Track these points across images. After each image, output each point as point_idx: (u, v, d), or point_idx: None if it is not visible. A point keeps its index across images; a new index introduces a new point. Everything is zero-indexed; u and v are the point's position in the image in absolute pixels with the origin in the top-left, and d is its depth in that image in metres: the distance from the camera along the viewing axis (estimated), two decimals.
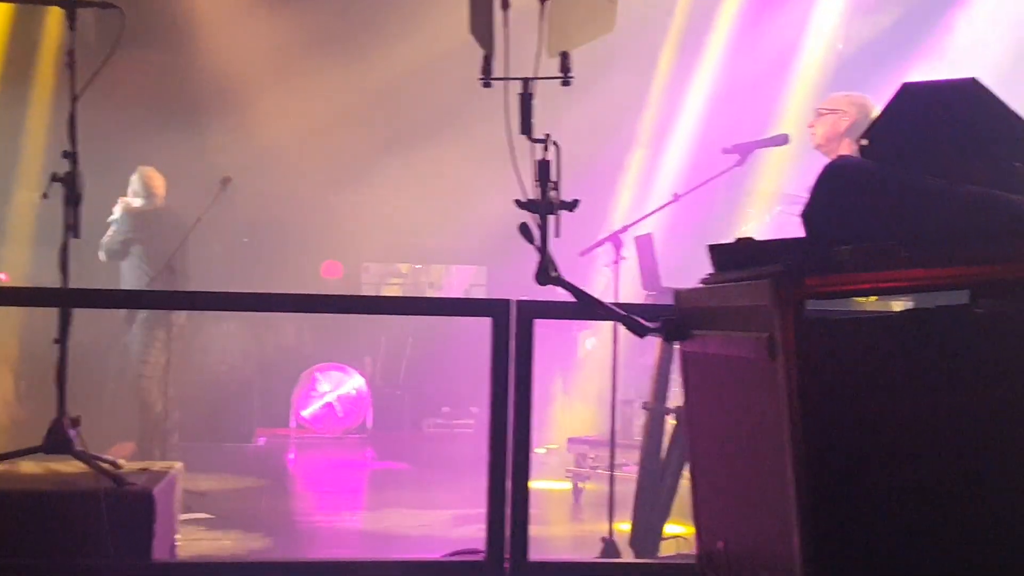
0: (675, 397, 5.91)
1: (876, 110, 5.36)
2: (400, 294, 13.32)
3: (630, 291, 5.94)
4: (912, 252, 2.38)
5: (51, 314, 8.59)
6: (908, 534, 2.32)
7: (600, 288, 6.27)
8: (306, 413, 11.02)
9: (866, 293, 2.47)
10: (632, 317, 3.08)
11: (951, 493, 2.33)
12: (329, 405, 11.07)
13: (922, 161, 2.68)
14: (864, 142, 2.80)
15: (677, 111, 10.30)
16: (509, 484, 3.61)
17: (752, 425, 2.54)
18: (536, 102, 3.13)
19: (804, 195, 6.97)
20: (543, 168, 3.04)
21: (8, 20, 10.05)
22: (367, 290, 13.10)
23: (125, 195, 7.90)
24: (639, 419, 8.05)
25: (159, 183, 7.97)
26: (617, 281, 5.59)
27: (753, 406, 2.52)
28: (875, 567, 2.31)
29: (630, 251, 5.79)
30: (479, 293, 13.19)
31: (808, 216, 2.82)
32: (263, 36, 10.36)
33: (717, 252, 2.70)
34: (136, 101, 9.42)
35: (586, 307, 3.18)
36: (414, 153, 11.56)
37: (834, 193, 2.78)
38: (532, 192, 3.10)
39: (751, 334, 2.45)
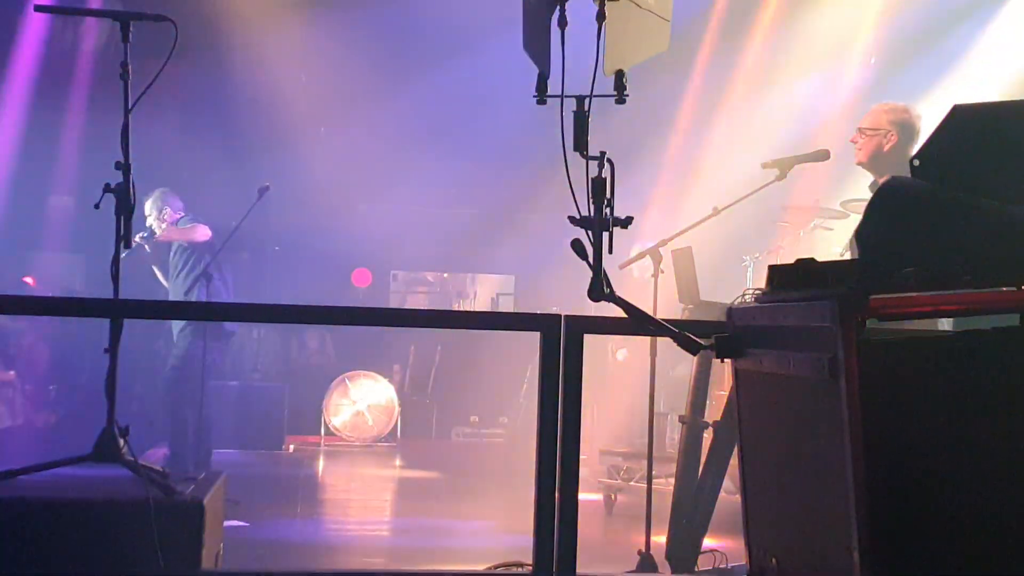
0: (711, 411, 5.94)
1: (919, 121, 5.41)
2: (427, 303, 13.37)
3: (667, 304, 5.95)
4: (974, 275, 2.40)
5: (83, 321, 8.72)
6: (967, 552, 2.33)
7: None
8: (336, 421, 11.07)
9: (928, 315, 2.48)
10: (684, 334, 3.10)
11: (1009, 512, 2.34)
12: (359, 413, 11.12)
13: (974, 182, 2.69)
14: (916, 162, 2.80)
15: (711, 124, 10.32)
16: (557, 497, 3.62)
17: (810, 443, 2.55)
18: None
19: (840, 209, 7.00)
20: (598, 185, 3.06)
21: (46, 27, 10.15)
22: (395, 298, 13.17)
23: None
24: (671, 432, 8.07)
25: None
26: (656, 295, 5.60)
27: (811, 424, 2.53)
28: None
29: (667, 264, 5.80)
30: (507, 302, 13.23)
31: (861, 236, 2.84)
32: (298, 47, 10.43)
33: (775, 272, 2.71)
34: (175, 111, 9.50)
35: (637, 323, 3.20)
36: (443, 163, 11.61)
37: (888, 213, 2.79)
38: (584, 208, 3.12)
39: (810, 353, 2.46)
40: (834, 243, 7.11)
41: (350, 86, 10.72)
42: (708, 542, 5.28)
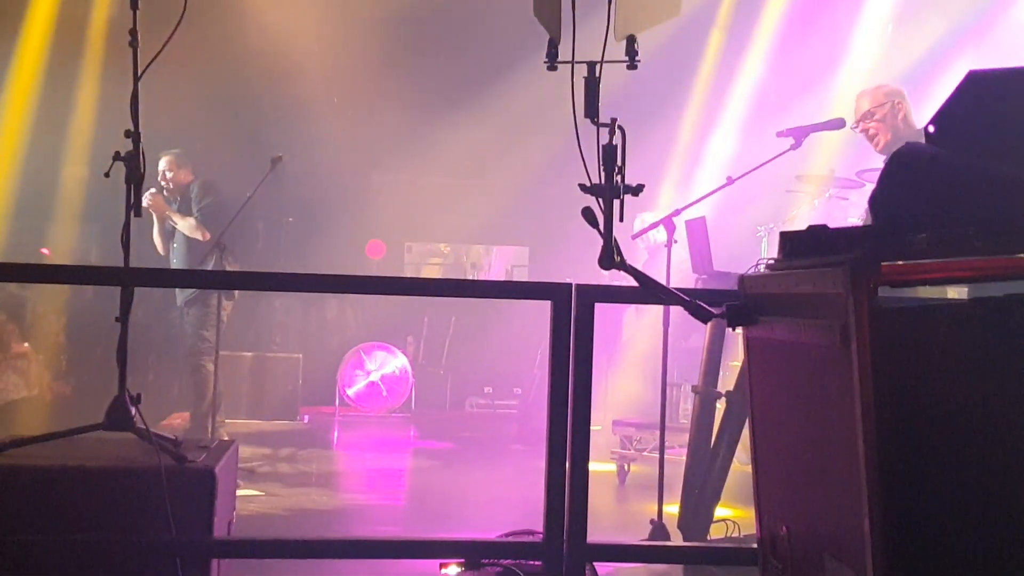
0: (724, 381, 5.94)
1: (905, 94, 5.41)
2: (441, 275, 13.36)
3: (679, 274, 5.94)
4: (987, 240, 2.37)
5: (96, 292, 8.75)
6: (979, 521, 2.32)
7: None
8: (351, 392, 11.11)
9: (941, 282, 2.45)
10: (696, 302, 3.07)
11: (1022, 480, 2.32)
12: (373, 384, 11.15)
13: (989, 149, 2.67)
14: (931, 128, 2.77)
15: (727, 93, 10.26)
16: (568, 467, 3.62)
17: (820, 411, 2.54)
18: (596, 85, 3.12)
19: (855, 179, 6.97)
20: (609, 153, 3.03)
21: None
22: (409, 270, 13.16)
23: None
24: (685, 402, 8.08)
25: None
26: (669, 265, 5.59)
27: (822, 392, 2.51)
28: (945, 554, 2.31)
29: (681, 234, 5.79)
30: (521, 274, 13.22)
31: (876, 202, 2.81)
32: (312, 14, 10.39)
33: (787, 239, 2.69)
34: (186, 79, 9.47)
35: (649, 292, 3.18)
36: (458, 134, 11.58)
37: (902, 180, 2.76)
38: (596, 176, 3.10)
39: (822, 321, 2.44)
40: (850, 213, 7.07)
41: (364, 56, 10.68)
42: (720, 511, 5.30)
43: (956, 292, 3.47)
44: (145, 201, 7.57)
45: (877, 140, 5.39)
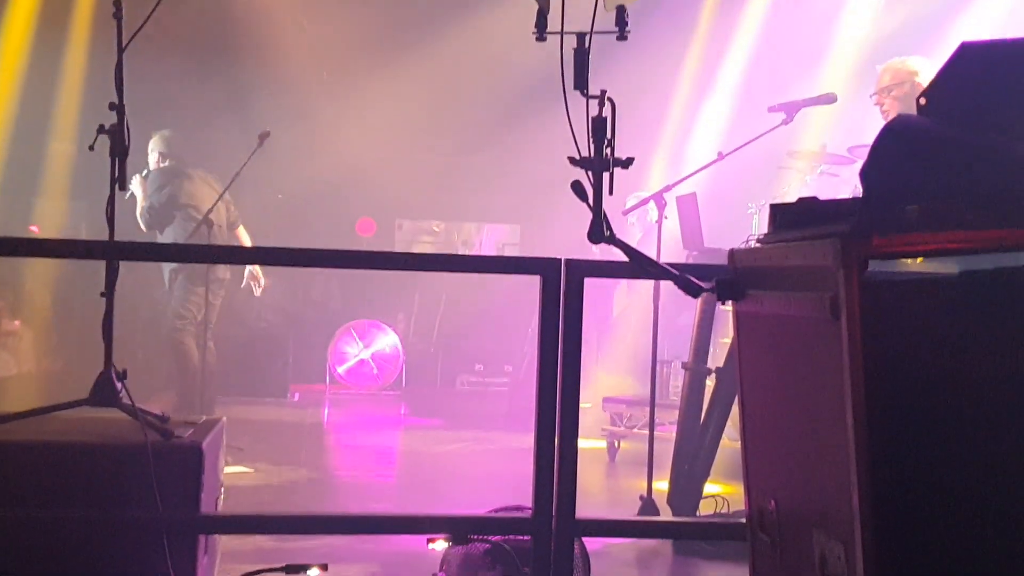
0: (714, 358, 5.93)
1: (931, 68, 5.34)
2: (432, 252, 13.32)
3: (670, 250, 5.92)
4: (978, 213, 2.35)
5: (84, 269, 8.72)
6: (968, 496, 2.31)
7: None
8: (341, 369, 11.09)
9: (932, 254, 2.43)
10: (686, 276, 3.05)
11: (1013, 455, 2.31)
12: (364, 361, 11.14)
13: (982, 120, 2.64)
14: (923, 100, 2.75)
15: (718, 68, 10.22)
16: (557, 442, 3.60)
17: (810, 384, 2.52)
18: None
19: (846, 155, 6.95)
20: (598, 125, 3.00)
21: None
22: (400, 248, 13.12)
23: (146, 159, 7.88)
24: (674, 380, 8.08)
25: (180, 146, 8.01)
26: (659, 240, 5.57)
27: (812, 366, 2.50)
28: (934, 529, 2.30)
29: (672, 210, 5.77)
30: (512, 252, 13.18)
31: (867, 174, 2.79)
32: None
33: (778, 211, 2.67)
34: (174, 54, 9.40)
35: (638, 266, 3.15)
36: (450, 110, 11.53)
37: (894, 152, 2.73)
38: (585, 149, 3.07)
39: (812, 294, 2.42)
40: (841, 190, 7.05)
41: (353, 32, 10.62)
42: (710, 488, 5.30)
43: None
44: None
45: (889, 116, 5.36)
